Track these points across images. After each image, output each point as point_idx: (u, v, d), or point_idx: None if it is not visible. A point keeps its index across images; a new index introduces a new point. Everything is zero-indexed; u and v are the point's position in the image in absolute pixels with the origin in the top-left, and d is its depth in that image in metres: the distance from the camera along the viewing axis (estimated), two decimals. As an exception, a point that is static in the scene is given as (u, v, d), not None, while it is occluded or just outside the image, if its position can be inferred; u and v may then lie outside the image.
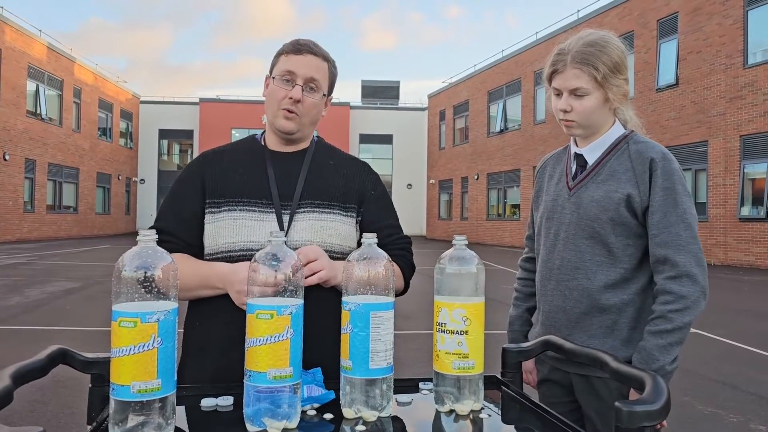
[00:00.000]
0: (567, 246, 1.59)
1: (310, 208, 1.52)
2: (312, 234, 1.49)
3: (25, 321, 6.97)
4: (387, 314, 1.06)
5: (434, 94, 33.07)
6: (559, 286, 1.61)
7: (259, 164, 1.55)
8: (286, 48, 1.54)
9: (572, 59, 1.54)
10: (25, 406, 3.88)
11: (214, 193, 1.51)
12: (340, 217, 1.54)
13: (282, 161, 1.56)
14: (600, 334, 1.55)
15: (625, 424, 0.87)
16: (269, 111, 1.55)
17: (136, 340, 0.89)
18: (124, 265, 0.92)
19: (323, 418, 1.06)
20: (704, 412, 4.04)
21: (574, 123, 1.58)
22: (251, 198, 1.50)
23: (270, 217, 1.49)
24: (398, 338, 6.05)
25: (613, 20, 19.29)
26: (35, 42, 23.62)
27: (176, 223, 1.52)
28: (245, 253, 1.45)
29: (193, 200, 1.53)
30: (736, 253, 15.04)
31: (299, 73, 1.51)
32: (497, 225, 25.92)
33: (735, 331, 6.77)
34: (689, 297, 1.45)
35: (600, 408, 1.55)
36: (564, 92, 1.57)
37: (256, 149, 1.59)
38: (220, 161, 1.57)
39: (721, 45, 15.56)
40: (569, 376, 1.61)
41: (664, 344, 1.44)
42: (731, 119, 15.29)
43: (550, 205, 1.67)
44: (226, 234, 1.48)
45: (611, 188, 1.54)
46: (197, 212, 1.52)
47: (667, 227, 1.48)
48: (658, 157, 1.52)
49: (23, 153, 22.64)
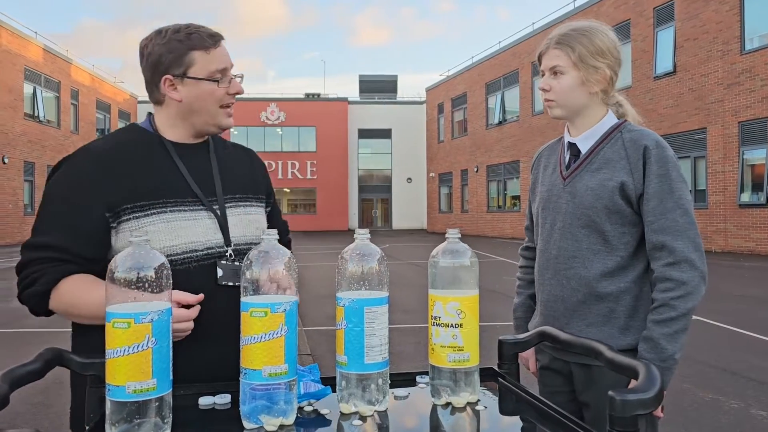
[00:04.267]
0: (564, 235, 1.60)
1: (234, 202, 1.48)
2: (244, 229, 1.47)
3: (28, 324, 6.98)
4: (381, 309, 1.06)
5: (432, 87, 33.01)
6: (556, 275, 1.62)
7: (165, 159, 1.43)
8: (201, 43, 1.39)
9: (553, 41, 1.62)
10: (29, 408, 3.90)
11: (132, 197, 1.35)
12: (258, 208, 1.55)
13: (188, 154, 1.46)
14: (598, 322, 1.55)
15: (618, 412, 0.88)
16: (203, 112, 1.42)
17: (130, 340, 0.90)
18: (116, 267, 0.92)
19: (320, 414, 1.06)
20: (705, 398, 4.06)
21: (553, 102, 1.62)
22: (176, 197, 1.39)
23: (201, 214, 1.41)
24: (398, 332, 6.07)
25: (609, 9, 19.23)
26: (31, 44, 23.57)
27: (73, 238, 1.32)
28: (189, 255, 1.37)
29: (92, 209, 1.33)
30: (736, 240, 15.03)
31: (229, 66, 1.44)
32: (498, 217, 25.92)
33: (735, 317, 6.79)
34: (690, 283, 1.45)
35: (598, 397, 1.56)
36: (546, 72, 1.63)
37: (152, 142, 1.44)
38: (118, 160, 1.39)
39: (718, 32, 15.52)
40: (569, 366, 1.62)
41: (671, 332, 1.44)
42: (729, 106, 15.26)
43: (545, 195, 1.68)
44: (163, 238, 1.35)
45: (605, 176, 1.55)
46: (97, 222, 1.33)
47: (663, 213, 1.49)
48: (652, 144, 1.52)
49: (22, 156, 22.64)
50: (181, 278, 1.29)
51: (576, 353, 1.43)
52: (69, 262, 1.32)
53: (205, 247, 1.40)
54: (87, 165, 1.38)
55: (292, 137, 35.33)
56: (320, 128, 34.94)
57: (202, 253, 1.39)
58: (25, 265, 1.34)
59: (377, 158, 36.16)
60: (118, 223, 1.35)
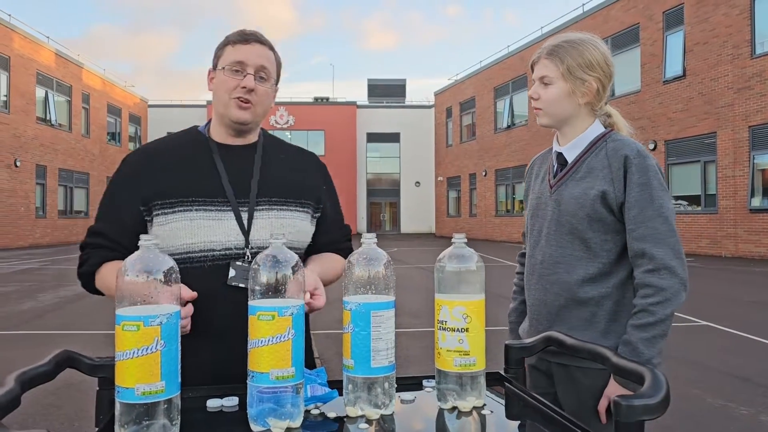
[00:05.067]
0: (549, 242, 1.65)
1: (267, 205, 1.48)
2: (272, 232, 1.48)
3: (39, 326, 7.04)
4: (388, 313, 1.07)
5: (440, 91, 33.02)
6: (540, 280, 1.66)
7: (206, 159, 1.49)
8: (232, 38, 1.49)
9: (545, 52, 1.66)
10: (39, 409, 3.93)
11: (163, 193, 1.43)
12: (296, 213, 1.53)
13: (231, 155, 1.51)
14: (579, 327, 1.58)
15: (624, 418, 0.87)
16: (219, 103, 1.49)
17: (139, 343, 0.91)
18: (126, 270, 0.93)
19: (327, 417, 1.07)
20: (714, 404, 4.03)
21: (540, 110, 1.67)
22: (206, 197, 1.43)
23: (227, 215, 1.44)
24: (406, 336, 6.06)
25: (618, 13, 19.18)
26: (43, 49, 23.81)
27: (115, 228, 1.45)
28: (206, 254, 1.41)
29: (131, 203, 1.44)
30: (747, 245, 14.92)
31: (249, 62, 1.47)
32: (506, 221, 25.86)
33: (745, 322, 6.73)
34: (669, 289, 1.48)
35: (577, 397, 1.58)
36: (536, 81, 1.67)
37: (200, 142, 1.52)
38: (163, 158, 1.49)
39: (728, 35, 15.44)
40: (551, 365, 1.65)
41: (648, 337, 1.47)
42: (739, 110, 15.17)
43: (534, 203, 1.74)
44: (182, 235, 1.41)
45: (588, 185, 1.59)
46: (136, 216, 1.44)
47: (643, 222, 1.52)
48: (633, 154, 1.55)
49: (34, 159, 22.84)
50: (194, 276, 1.35)
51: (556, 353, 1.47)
52: (112, 249, 1.45)
53: (223, 248, 1.43)
54: (133, 163, 1.51)
55: (300, 141, 35.43)
56: (329, 132, 35.05)
57: (219, 254, 1.42)
58: (82, 247, 1.51)
59: (386, 162, 36.21)
60: (151, 217, 1.44)
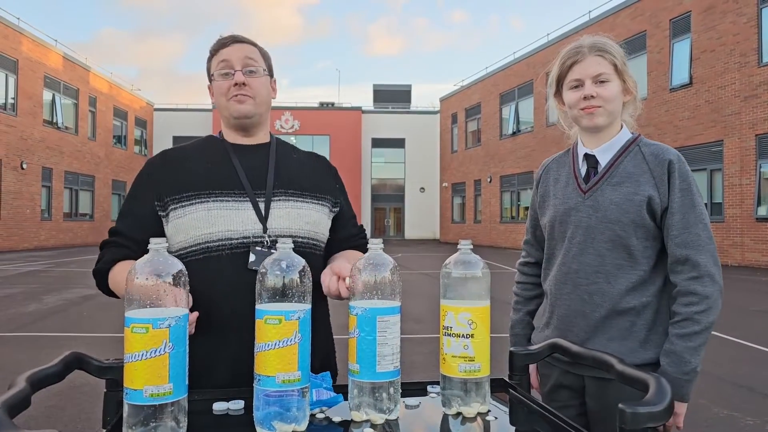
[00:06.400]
0: (585, 249, 1.59)
1: (284, 197, 1.53)
2: (290, 222, 1.51)
3: (43, 328, 7.06)
4: (393, 318, 1.07)
5: (446, 97, 33.05)
6: (576, 289, 1.60)
7: (222, 157, 1.56)
8: (213, 47, 1.59)
9: (591, 50, 1.60)
10: (43, 411, 3.94)
11: (180, 188, 1.49)
12: (313, 205, 1.57)
13: (246, 153, 1.57)
14: (618, 337, 1.55)
15: (629, 425, 0.88)
16: (221, 107, 1.57)
17: (148, 345, 0.92)
18: (135, 273, 0.94)
19: (332, 422, 1.07)
20: (720, 414, 4.01)
21: (600, 108, 1.58)
22: (223, 189, 1.49)
23: (246, 205, 1.48)
24: (409, 341, 6.06)
25: (625, 20, 19.18)
26: (51, 52, 23.96)
27: (137, 227, 1.50)
28: (224, 243, 1.44)
29: (147, 200, 1.51)
30: (753, 254, 14.85)
31: (233, 59, 1.54)
32: (511, 228, 25.81)
33: (752, 332, 6.70)
34: (711, 297, 1.48)
35: (610, 409, 1.55)
36: (586, 80, 1.59)
37: (216, 144, 1.60)
38: (181, 157, 1.57)
39: (735, 43, 15.41)
40: (582, 379, 1.61)
41: (694, 346, 1.47)
42: (746, 118, 15.12)
43: (561, 209, 1.65)
44: (201, 226, 1.45)
45: (630, 190, 1.55)
46: (153, 214, 1.50)
47: (686, 228, 1.51)
48: (675, 159, 1.55)
49: (40, 161, 22.95)
50: (213, 265, 1.42)
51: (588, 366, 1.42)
52: (126, 247, 1.49)
53: (241, 236, 1.46)
54: (153, 163, 1.58)
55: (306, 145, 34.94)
56: (334, 137, 35.09)
57: (237, 242, 1.45)
58: (101, 246, 1.55)
59: (390, 167, 36.21)
60: (167, 212, 1.49)
